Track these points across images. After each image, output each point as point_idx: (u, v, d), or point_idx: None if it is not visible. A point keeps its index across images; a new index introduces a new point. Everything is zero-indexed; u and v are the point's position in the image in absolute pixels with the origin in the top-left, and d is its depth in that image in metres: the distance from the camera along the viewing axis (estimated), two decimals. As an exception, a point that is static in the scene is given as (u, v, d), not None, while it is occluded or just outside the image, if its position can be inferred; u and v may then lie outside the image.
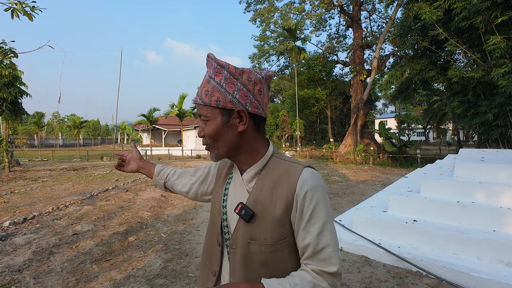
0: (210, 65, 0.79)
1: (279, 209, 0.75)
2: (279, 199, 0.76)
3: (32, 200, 6.66)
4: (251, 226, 0.77)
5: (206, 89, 0.77)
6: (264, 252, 0.75)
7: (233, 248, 0.80)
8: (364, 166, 14.88)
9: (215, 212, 0.89)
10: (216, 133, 0.77)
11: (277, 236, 0.75)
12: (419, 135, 47.19)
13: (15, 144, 26.67)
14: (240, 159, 0.83)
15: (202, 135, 0.80)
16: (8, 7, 3.03)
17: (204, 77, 0.80)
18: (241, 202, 0.79)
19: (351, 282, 2.96)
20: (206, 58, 0.80)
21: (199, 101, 0.78)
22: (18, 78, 11.50)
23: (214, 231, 0.87)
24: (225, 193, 0.88)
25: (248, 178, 0.82)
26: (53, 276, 3.18)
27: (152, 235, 4.52)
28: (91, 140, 56.53)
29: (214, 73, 0.77)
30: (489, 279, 2.65)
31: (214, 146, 0.80)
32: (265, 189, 0.78)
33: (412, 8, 10.07)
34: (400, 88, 14.43)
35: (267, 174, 0.80)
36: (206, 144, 0.81)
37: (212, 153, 0.82)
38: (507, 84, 7.74)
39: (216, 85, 0.76)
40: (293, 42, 20.54)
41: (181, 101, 24.87)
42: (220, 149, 0.80)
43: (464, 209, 3.38)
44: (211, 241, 0.88)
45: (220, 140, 0.78)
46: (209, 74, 0.78)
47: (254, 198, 0.78)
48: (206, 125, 0.78)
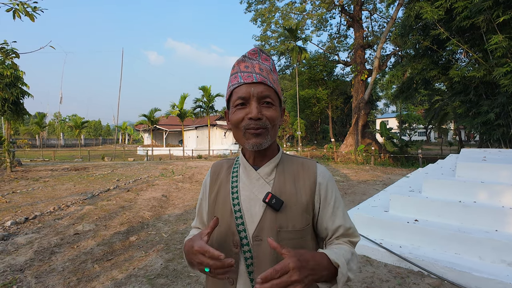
0: (266, 60, 0.84)
1: (304, 197, 0.83)
2: (302, 189, 0.84)
3: (33, 200, 6.67)
4: (279, 215, 0.80)
5: (272, 78, 0.81)
6: (294, 239, 0.80)
7: (257, 240, 0.79)
8: (365, 166, 14.85)
9: (225, 213, 0.85)
10: (277, 119, 0.81)
11: (305, 222, 0.82)
12: (420, 135, 47.08)
13: (17, 144, 26.78)
14: (267, 152, 0.86)
15: (261, 116, 0.77)
16: (10, 8, 3.04)
17: (261, 64, 0.82)
18: (270, 192, 0.81)
19: (353, 282, 2.95)
20: (256, 49, 0.84)
21: (269, 83, 0.80)
22: (19, 78, 11.54)
23: (228, 234, 0.83)
24: (233, 191, 0.86)
25: (267, 171, 0.85)
26: (54, 275, 3.18)
27: (153, 235, 4.52)
28: (92, 140, 56.67)
29: (272, 69, 0.84)
30: (491, 279, 2.64)
31: (270, 131, 0.80)
32: (288, 181, 0.84)
33: (413, 8, 10.06)
34: (401, 88, 14.41)
35: (284, 168, 0.87)
36: (263, 127, 0.78)
37: (263, 138, 0.79)
38: (509, 84, 7.71)
39: (276, 80, 0.83)
40: (294, 42, 20.52)
41: (182, 101, 24.89)
42: (273, 136, 0.82)
43: (466, 209, 3.36)
44: (222, 244, 0.83)
45: (276, 127, 0.82)
46: (269, 66, 0.83)
47: (279, 189, 0.83)
48: (269, 109, 0.79)
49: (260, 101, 0.78)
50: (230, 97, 0.83)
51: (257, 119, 0.77)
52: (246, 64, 0.81)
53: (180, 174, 10.96)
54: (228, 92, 0.84)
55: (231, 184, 0.88)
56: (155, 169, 12.82)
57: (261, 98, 0.78)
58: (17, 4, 3.05)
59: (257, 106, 0.78)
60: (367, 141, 18.27)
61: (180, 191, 8.07)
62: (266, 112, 0.78)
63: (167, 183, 9.14)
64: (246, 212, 0.82)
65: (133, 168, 13.59)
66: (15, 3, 3.05)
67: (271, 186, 0.83)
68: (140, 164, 15.47)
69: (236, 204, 0.84)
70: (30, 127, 33.51)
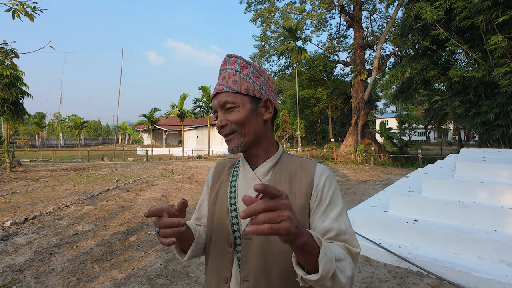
0: (234, 62, 0.84)
1: (299, 199, 0.79)
2: (298, 190, 0.80)
3: (33, 200, 6.67)
4: None
5: (233, 79, 0.81)
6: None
7: (246, 238, 0.79)
8: (365, 166, 14.85)
9: (222, 212, 0.86)
10: (245, 118, 0.80)
11: None
12: (420, 135, 47.09)
13: (17, 144, 26.75)
14: (257, 152, 0.86)
15: (225, 123, 0.80)
16: (9, 8, 3.04)
17: (226, 71, 0.83)
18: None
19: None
20: (226, 57, 0.85)
21: (226, 89, 0.80)
22: (19, 78, 11.52)
23: (223, 233, 0.84)
24: (231, 190, 0.87)
25: (264, 171, 0.85)
26: (54, 276, 3.18)
27: (152, 235, 4.52)
28: (92, 140, 56.63)
29: (241, 67, 0.83)
30: (491, 279, 2.64)
31: (240, 132, 0.81)
32: (283, 181, 0.82)
33: (413, 8, 10.06)
34: (401, 88, 14.42)
35: (282, 168, 0.85)
36: (230, 132, 0.81)
37: (235, 142, 0.81)
38: (508, 84, 7.72)
39: (244, 77, 0.82)
40: (294, 42, 20.52)
41: (182, 101, 24.88)
42: (247, 136, 0.81)
43: (465, 209, 3.37)
44: (218, 244, 0.84)
45: (248, 126, 0.81)
46: (235, 68, 0.83)
47: None
48: (232, 112, 0.80)
49: (223, 109, 0.81)
50: None
51: (220, 127, 0.81)
52: (222, 76, 0.84)
53: (180, 174, 10.96)
54: None
55: (230, 184, 0.89)
56: (154, 169, 12.81)
57: (222, 106, 0.81)
58: (16, 4, 3.05)
59: (222, 115, 0.82)
60: (367, 141, 18.27)
61: (180, 191, 8.07)
62: (229, 116, 0.80)
63: (167, 183, 9.14)
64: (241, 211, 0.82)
65: (132, 168, 13.58)
66: (15, 3, 3.05)
67: None
68: (140, 164, 15.46)
69: (232, 203, 0.84)
70: (30, 127, 33.45)
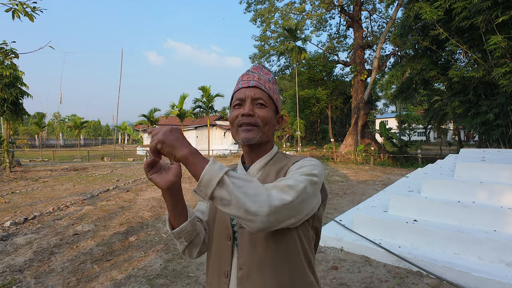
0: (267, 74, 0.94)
1: None
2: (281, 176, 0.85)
3: (33, 200, 6.67)
4: None
5: (268, 86, 0.91)
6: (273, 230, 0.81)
7: (241, 227, 0.83)
8: (365, 166, 14.86)
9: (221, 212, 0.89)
10: (269, 119, 0.89)
11: None
12: (420, 135, 47.09)
13: (16, 144, 26.72)
14: (259, 151, 0.92)
15: (253, 114, 0.86)
16: (9, 8, 3.03)
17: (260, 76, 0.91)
18: None
19: (352, 282, 2.96)
20: (259, 65, 0.96)
21: (264, 88, 0.89)
22: (19, 78, 11.52)
23: (223, 227, 0.88)
24: None
25: (257, 168, 0.91)
26: (54, 276, 3.18)
27: (152, 235, 4.52)
28: (91, 140, 56.59)
29: (272, 81, 0.94)
30: (490, 279, 2.64)
31: (261, 129, 0.88)
32: (271, 175, 0.88)
33: (413, 8, 10.06)
34: (400, 88, 14.42)
35: (273, 165, 0.91)
36: (254, 124, 0.86)
37: (254, 134, 0.86)
38: (508, 84, 7.73)
39: (274, 90, 0.93)
40: (294, 42, 20.49)
41: (182, 102, 24.88)
42: (264, 134, 0.89)
43: (465, 209, 3.37)
44: (219, 239, 0.88)
45: (267, 127, 0.89)
46: (269, 78, 0.93)
47: (262, 181, 0.86)
48: (261, 109, 0.88)
49: (254, 102, 0.88)
50: (232, 101, 0.94)
51: (248, 115, 0.86)
52: (248, 76, 0.92)
53: (180, 174, 10.94)
54: (231, 97, 0.95)
55: None
56: (154, 169, 12.78)
57: (254, 99, 0.88)
58: (16, 4, 3.05)
59: (250, 105, 0.87)
60: (367, 141, 18.28)
61: (180, 191, 8.06)
62: (258, 111, 0.87)
63: (167, 183, 9.12)
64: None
65: (132, 168, 13.57)
66: (14, 3, 3.05)
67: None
68: (140, 164, 15.45)
69: None
70: (30, 127, 33.43)
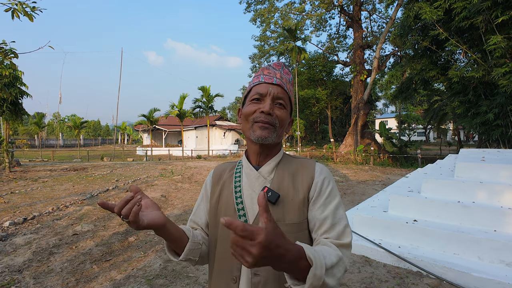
0: (287, 74, 0.92)
1: (301, 192, 0.85)
2: (300, 185, 0.86)
3: (32, 200, 6.66)
4: (276, 208, 0.83)
5: (288, 87, 0.91)
6: (290, 232, 0.81)
7: None
8: (365, 166, 14.86)
9: (228, 211, 0.87)
10: (286, 121, 0.89)
11: (302, 216, 0.84)
12: (419, 135, 47.12)
13: (16, 144, 26.72)
14: (269, 152, 0.91)
15: (272, 113, 0.85)
16: (9, 8, 3.03)
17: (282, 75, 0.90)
18: (266, 186, 0.86)
19: (352, 282, 2.95)
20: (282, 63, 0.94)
21: (286, 88, 0.89)
22: (18, 78, 11.50)
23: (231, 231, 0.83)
24: (236, 190, 0.89)
25: (268, 170, 0.89)
26: (53, 276, 3.18)
27: (152, 235, 4.51)
28: (91, 140, 56.59)
29: (291, 82, 0.93)
30: (490, 279, 2.64)
31: (277, 130, 0.87)
32: (286, 178, 0.88)
33: (413, 8, 10.06)
34: (400, 88, 14.41)
35: (284, 167, 0.91)
36: (271, 123, 0.85)
37: (270, 133, 0.85)
38: (507, 84, 7.73)
39: (292, 91, 0.93)
40: (293, 42, 20.50)
41: (182, 102, 24.88)
42: (278, 135, 0.88)
43: (464, 209, 3.37)
44: (225, 243, 0.85)
45: (282, 129, 0.89)
46: (289, 79, 0.92)
47: (277, 185, 0.86)
48: (280, 110, 0.87)
49: (275, 100, 0.86)
50: (248, 93, 0.91)
51: (268, 113, 0.84)
52: (269, 71, 0.90)
53: (179, 174, 10.95)
54: (248, 88, 0.92)
55: (234, 184, 0.91)
56: (154, 169, 12.80)
57: (276, 98, 0.86)
58: (15, 4, 3.05)
59: (271, 103, 0.85)
60: (367, 141, 18.28)
61: (179, 192, 8.07)
62: (277, 111, 0.86)
63: (166, 183, 9.13)
64: (249, 209, 0.86)
65: (132, 168, 13.57)
66: (14, 3, 3.04)
67: (270, 183, 0.87)
68: (139, 164, 15.45)
69: (239, 202, 0.87)
70: (29, 127, 33.43)
